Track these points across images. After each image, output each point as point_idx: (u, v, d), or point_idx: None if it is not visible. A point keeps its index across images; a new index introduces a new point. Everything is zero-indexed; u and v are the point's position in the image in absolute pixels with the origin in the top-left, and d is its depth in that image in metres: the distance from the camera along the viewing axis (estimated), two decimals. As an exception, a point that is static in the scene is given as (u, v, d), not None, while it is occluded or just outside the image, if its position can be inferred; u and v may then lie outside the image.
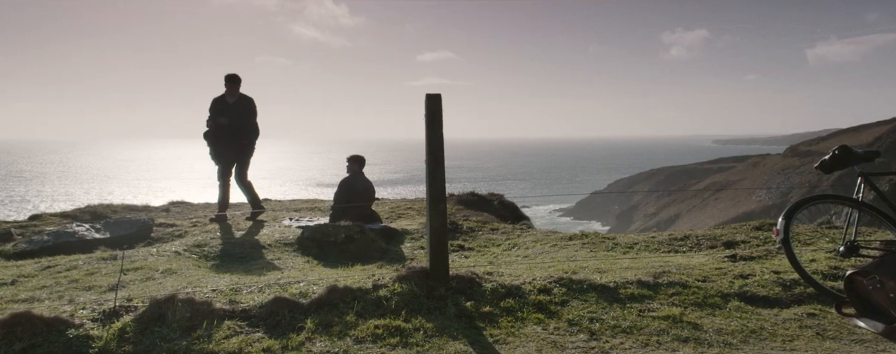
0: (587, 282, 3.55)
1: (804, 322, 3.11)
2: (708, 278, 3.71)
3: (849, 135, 59.97)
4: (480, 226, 7.26)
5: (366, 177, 7.58)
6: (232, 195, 7.82)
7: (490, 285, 3.48)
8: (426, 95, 3.47)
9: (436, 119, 3.47)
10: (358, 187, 7.40)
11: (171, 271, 4.78)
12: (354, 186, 7.40)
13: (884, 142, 49.76)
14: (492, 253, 6.21)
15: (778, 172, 59.31)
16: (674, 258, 4.85)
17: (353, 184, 7.42)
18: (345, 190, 7.38)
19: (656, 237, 6.06)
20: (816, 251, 4.44)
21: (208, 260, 5.45)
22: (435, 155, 3.50)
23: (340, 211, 7.22)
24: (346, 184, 7.42)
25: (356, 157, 7.62)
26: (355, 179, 7.47)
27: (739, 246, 5.29)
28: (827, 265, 3.84)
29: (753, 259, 4.32)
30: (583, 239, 6.20)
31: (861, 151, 3.77)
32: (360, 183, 7.45)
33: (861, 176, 3.75)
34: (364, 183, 7.49)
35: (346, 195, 7.32)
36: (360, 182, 7.46)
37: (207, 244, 5.89)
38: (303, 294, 3.36)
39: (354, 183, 7.43)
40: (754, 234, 5.75)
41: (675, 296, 3.42)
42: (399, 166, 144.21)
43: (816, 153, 49.13)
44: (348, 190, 7.36)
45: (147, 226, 6.85)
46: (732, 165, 76.15)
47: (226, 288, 3.58)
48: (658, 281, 3.62)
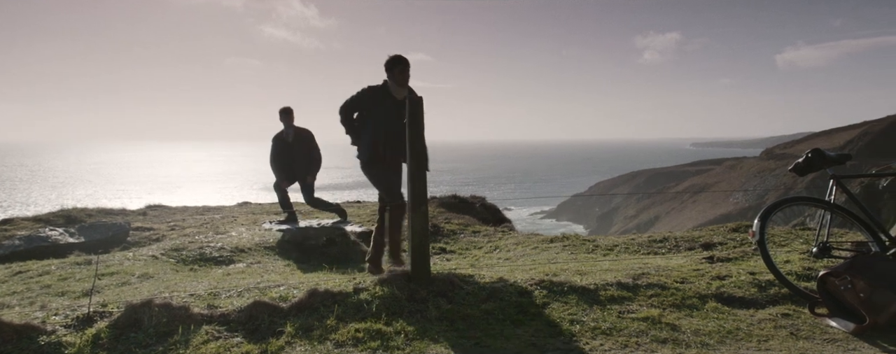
0: (568, 284, 3.57)
1: (779, 322, 3.16)
2: (686, 279, 3.76)
3: (822, 139, 61.36)
4: (462, 229, 7.27)
5: (298, 127, 7.49)
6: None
7: (471, 287, 3.48)
8: (408, 99, 3.47)
9: (417, 122, 3.47)
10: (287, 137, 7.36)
11: (148, 275, 4.70)
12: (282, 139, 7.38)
13: (855, 145, 51.01)
14: (473, 255, 6.22)
15: (754, 175, 60.43)
16: (653, 260, 4.91)
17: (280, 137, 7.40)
18: (274, 143, 7.39)
19: (636, 239, 6.13)
20: (791, 252, 4.53)
21: (186, 264, 5.37)
22: (416, 158, 3.50)
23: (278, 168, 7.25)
24: (275, 139, 7.42)
25: (282, 111, 7.51)
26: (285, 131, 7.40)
27: (717, 248, 5.37)
28: (801, 266, 3.92)
29: (730, 260, 4.39)
30: (564, 241, 6.24)
31: (833, 154, 3.86)
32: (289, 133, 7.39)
33: (833, 178, 3.83)
34: (291, 132, 7.40)
35: (276, 149, 7.33)
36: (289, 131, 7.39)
37: (186, 248, 5.80)
38: (283, 297, 3.32)
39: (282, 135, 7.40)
40: (731, 236, 5.85)
41: (654, 298, 3.45)
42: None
43: (791, 156, 50.20)
44: (278, 144, 7.34)
45: (123, 230, 6.73)
46: (710, 168, 77.39)
47: (204, 293, 3.54)
48: (637, 282, 3.65)
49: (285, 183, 7.47)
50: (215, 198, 14.54)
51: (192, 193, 63.20)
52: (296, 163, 7.46)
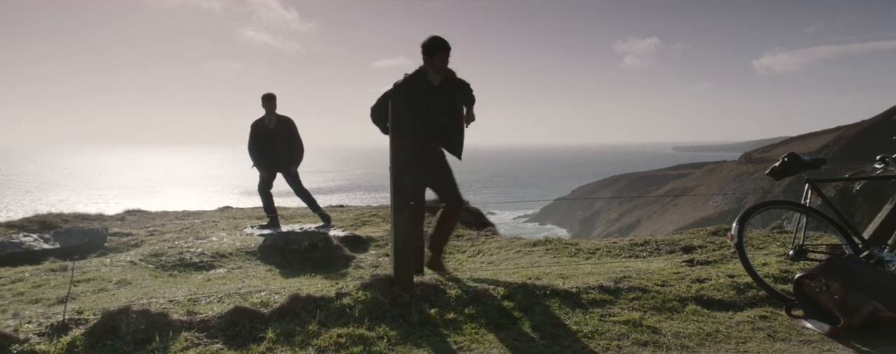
0: (550, 288, 3.59)
1: (756, 324, 3.21)
2: (667, 282, 3.80)
3: (798, 143, 62.60)
4: (445, 233, 7.26)
5: (280, 114, 7.41)
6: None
7: (454, 292, 3.48)
8: (390, 102, 3.46)
9: (399, 125, 3.46)
10: (269, 123, 7.30)
11: (126, 282, 4.62)
12: (263, 125, 7.32)
13: (830, 149, 52.10)
14: (457, 259, 6.22)
15: (733, 178, 61.38)
16: (634, 263, 4.96)
17: (261, 123, 7.33)
18: (254, 129, 7.31)
19: (618, 242, 6.18)
20: (768, 255, 4.61)
21: (166, 270, 5.29)
22: (399, 161, 3.49)
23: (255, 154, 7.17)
24: (255, 125, 7.34)
25: (265, 96, 7.43)
26: (267, 118, 7.33)
27: (696, 251, 5.43)
28: (778, 268, 3.99)
29: (710, 263, 4.45)
30: (546, 245, 6.27)
31: (808, 159, 3.93)
32: (271, 119, 7.31)
33: (808, 182, 3.91)
34: (274, 119, 7.33)
35: (256, 136, 7.26)
36: (272, 118, 7.32)
37: (165, 253, 5.71)
38: (264, 303, 3.29)
39: (263, 121, 7.32)
40: (711, 239, 5.92)
41: (636, 301, 3.49)
42: (363, 173, 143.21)
43: (769, 160, 51.08)
44: (257, 130, 7.28)
45: (100, 236, 6.61)
46: (691, 171, 78.44)
47: (183, 299, 3.48)
48: (619, 286, 3.68)
49: (265, 172, 7.32)
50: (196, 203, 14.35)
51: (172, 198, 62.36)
52: (278, 151, 7.34)
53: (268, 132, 7.30)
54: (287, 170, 7.43)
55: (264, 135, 7.30)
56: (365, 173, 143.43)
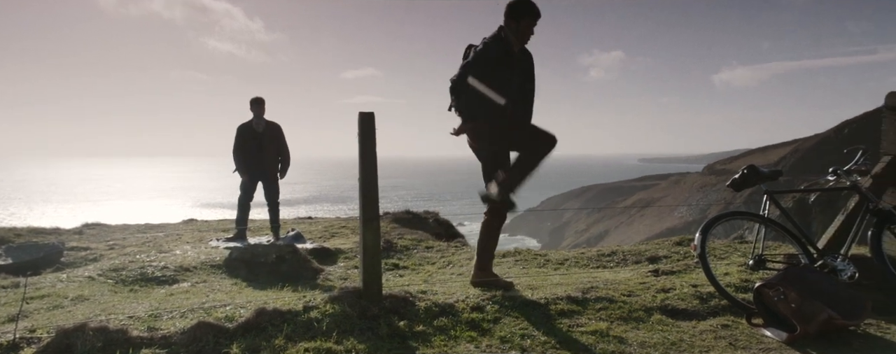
0: (519, 299, 3.61)
1: (719, 333, 3.29)
2: (633, 292, 3.87)
3: (758, 155, 64.65)
4: (415, 244, 7.24)
5: (267, 120, 7.29)
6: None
7: (424, 303, 3.47)
8: (359, 113, 3.45)
9: (368, 137, 3.45)
10: (257, 127, 7.17)
11: (83, 298, 4.45)
12: (250, 128, 7.19)
13: (787, 161, 54.00)
14: (426, 271, 6.20)
15: (697, 189, 62.96)
16: (602, 273, 5.03)
17: (248, 126, 7.19)
18: (241, 133, 7.16)
19: (586, 253, 6.26)
20: (730, 265, 4.73)
21: (126, 285, 5.12)
22: (368, 173, 3.47)
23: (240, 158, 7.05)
24: (241, 128, 7.19)
25: (254, 100, 7.30)
26: (255, 121, 7.20)
27: (662, 261, 5.54)
28: (738, 278, 4.10)
29: (674, 273, 4.54)
30: (516, 255, 6.31)
31: (766, 170, 4.07)
32: (260, 123, 7.19)
33: (766, 193, 4.04)
34: (262, 123, 7.20)
35: (242, 140, 7.11)
36: (260, 122, 7.20)
37: (125, 267, 5.54)
38: (229, 318, 3.22)
39: (250, 125, 7.19)
40: (675, 249, 6.05)
41: (603, 311, 3.53)
42: (333, 184, 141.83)
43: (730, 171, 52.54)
44: (244, 134, 7.14)
45: (56, 251, 6.36)
46: (656, 183, 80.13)
47: (144, 315, 3.38)
48: (587, 296, 3.73)
49: (247, 177, 7.13)
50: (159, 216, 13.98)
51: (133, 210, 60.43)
52: (265, 157, 7.18)
53: (255, 136, 7.14)
54: (273, 177, 7.28)
55: (252, 140, 7.13)
56: (335, 184, 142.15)
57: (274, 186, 7.28)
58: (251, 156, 7.10)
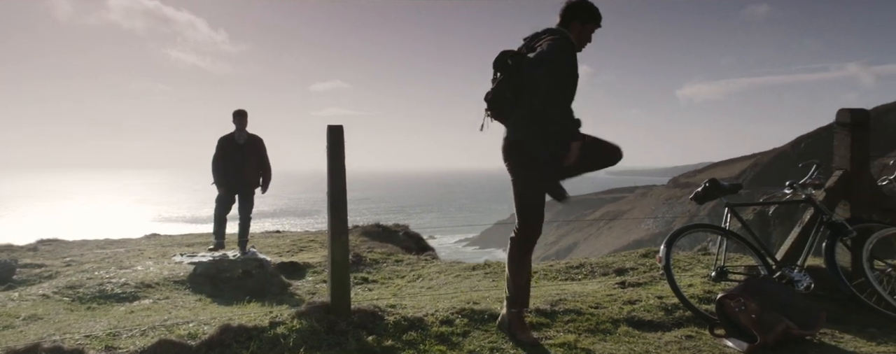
0: (488, 312, 3.61)
1: (683, 344, 3.35)
2: (600, 304, 3.92)
3: (720, 168, 66.48)
4: (385, 258, 7.20)
5: (249, 132, 7.17)
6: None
7: (393, 318, 3.44)
8: (328, 126, 3.44)
9: (337, 150, 3.44)
10: (239, 139, 7.05)
11: (37, 317, 4.28)
12: (232, 140, 7.04)
13: (747, 174, 55.67)
14: (396, 284, 6.16)
15: (663, 202, 64.31)
16: (570, 286, 5.08)
17: (230, 138, 7.05)
18: (222, 145, 7.01)
19: (554, 265, 6.31)
20: (693, 276, 4.84)
21: (83, 303, 4.95)
22: (337, 186, 3.45)
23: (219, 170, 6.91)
24: (223, 140, 7.05)
25: (236, 112, 7.18)
26: (236, 134, 7.07)
27: (628, 273, 5.63)
28: (702, 289, 4.20)
29: (640, 285, 4.62)
30: (486, 268, 6.32)
31: (727, 184, 4.19)
32: (241, 136, 7.07)
33: (727, 206, 4.16)
34: (244, 135, 7.08)
35: (223, 152, 6.97)
36: (242, 135, 7.08)
37: (83, 284, 5.35)
38: (192, 335, 3.14)
39: (232, 137, 7.06)
40: (642, 261, 6.15)
41: (571, 323, 3.57)
42: (302, 198, 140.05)
43: (694, 184, 53.87)
44: (225, 146, 6.99)
45: (8, 268, 6.11)
46: (624, 195, 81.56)
47: (102, 333, 3.27)
48: (555, 308, 3.76)
49: (223, 189, 6.98)
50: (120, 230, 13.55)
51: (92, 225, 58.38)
52: (246, 169, 7.05)
53: (237, 148, 7.01)
54: (251, 190, 7.15)
55: (233, 152, 7.00)
56: (304, 197, 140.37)
57: (249, 200, 7.17)
58: (231, 168, 6.99)
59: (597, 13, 3.19)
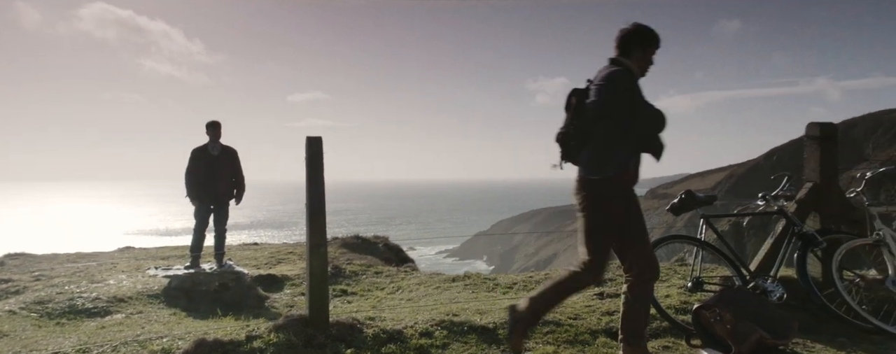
0: (468, 324, 3.61)
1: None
2: (579, 316, 3.94)
3: (696, 180, 67.61)
4: (364, 270, 7.15)
5: (223, 144, 7.06)
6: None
7: (372, 330, 3.42)
8: (307, 138, 3.43)
9: (316, 161, 3.43)
10: (213, 150, 6.94)
11: (3, 334, 4.16)
12: (206, 152, 6.93)
13: (722, 186, 56.68)
14: (375, 296, 6.11)
15: (641, 213, 65.00)
16: (549, 297, 5.09)
17: (203, 150, 6.94)
18: (195, 156, 6.89)
19: (534, 276, 6.34)
20: (670, 287, 4.89)
21: (52, 319, 4.81)
22: (316, 197, 3.44)
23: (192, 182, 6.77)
24: (196, 151, 6.92)
25: (210, 123, 7.08)
26: (210, 145, 6.95)
27: (607, 284, 5.67)
28: (678, 300, 4.25)
29: (619, 296, 4.65)
30: (465, 280, 6.32)
31: (702, 196, 4.26)
32: (216, 147, 6.95)
33: (702, 218, 4.23)
34: (218, 147, 6.97)
35: (196, 164, 6.84)
36: (216, 146, 6.96)
37: (52, 299, 5.21)
38: (166, 350, 3.07)
39: (206, 148, 6.94)
40: (620, 272, 6.18)
41: (550, 334, 3.58)
42: (281, 209, 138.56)
43: (671, 196, 54.66)
44: (198, 157, 6.86)
45: (-25, 280, 5.93)
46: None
47: (71, 350, 3.18)
48: (534, 320, 3.77)
49: (197, 202, 6.86)
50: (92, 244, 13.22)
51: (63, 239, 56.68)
52: (220, 181, 6.95)
53: (210, 160, 6.91)
54: (225, 202, 7.06)
55: (206, 163, 6.89)
56: (282, 209, 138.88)
57: (224, 212, 7.09)
58: (206, 180, 6.90)
59: (655, 36, 3.13)
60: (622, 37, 3.12)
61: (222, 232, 7.11)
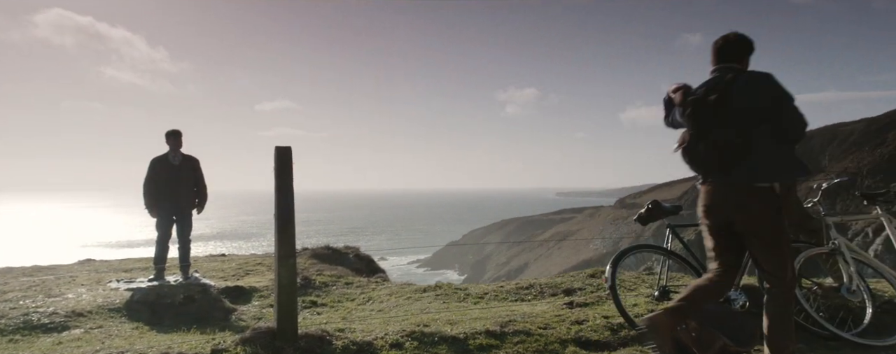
0: (438, 335, 3.60)
1: (629, 361, 3.43)
2: (549, 325, 3.97)
3: (664, 190, 69.02)
4: (335, 281, 7.07)
5: (184, 153, 6.90)
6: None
7: (341, 342, 3.38)
8: (276, 148, 3.39)
9: (286, 171, 3.39)
10: (174, 160, 6.79)
11: (-47, 350, 3.97)
12: (166, 161, 6.78)
13: (688, 196, 57.95)
14: (346, 307, 6.05)
15: (610, 222, 66.05)
16: (520, 306, 5.12)
17: (163, 159, 6.78)
18: (155, 166, 6.72)
19: (505, 286, 6.36)
20: (638, 296, 4.98)
21: (5, 335, 4.62)
22: (285, 208, 3.40)
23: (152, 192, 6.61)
24: (156, 161, 6.77)
25: (170, 132, 6.94)
26: (171, 154, 6.79)
27: (576, 293, 5.73)
28: (646, 308, 4.32)
29: (588, 305, 4.71)
30: (436, 290, 6.30)
31: (668, 206, 4.36)
32: (176, 157, 6.80)
33: (669, 227, 4.32)
34: (179, 156, 6.82)
35: (156, 174, 6.67)
36: (177, 156, 6.81)
37: (5, 315, 5.00)
38: (126, 366, 2.98)
39: (166, 158, 6.79)
40: (589, 281, 6.29)
41: (520, 344, 3.59)
42: (250, 220, 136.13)
43: (639, 205, 55.69)
44: (159, 167, 6.70)
45: (-77, 295, 5.65)
46: (573, 216, 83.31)
47: (26, 366, 3.06)
48: (504, 330, 3.78)
49: (155, 213, 6.68)
50: (49, 257, 12.78)
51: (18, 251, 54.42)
52: (182, 191, 6.77)
53: (172, 170, 6.73)
54: (187, 212, 6.88)
55: (166, 173, 6.71)
56: (252, 219, 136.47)
57: (188, 222, 6.92)
58: (167, 190, 6.73)
59: (748, 47, 3.21)
60: (740, 45, 3.17)
61: (187, 243, 6.95)
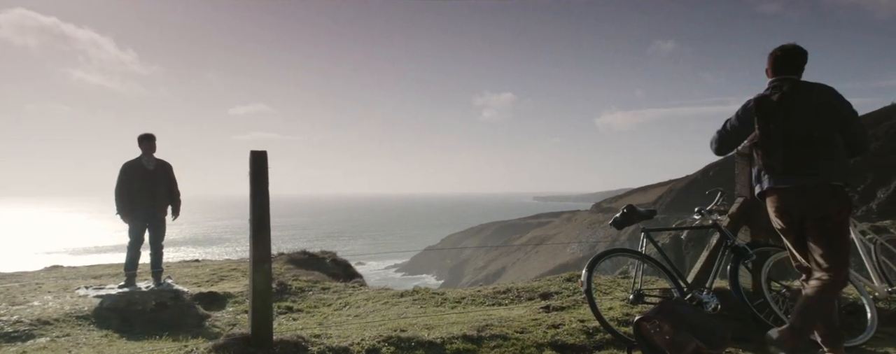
0: (415, 340, 3.59)
1: (604, 365, 3.46)
2: (525, 329, 3.98)
3: (639, 194, 70.01)
4: (311, 286, 7.01)
5: (157, 158, 6.79)
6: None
7: (317, 348, 3.35)
8: (251, 152, 3.35)
9: (261, 176, 3.35)
10: (148, 165, 6.68)
11: (-90, 359, 3.82)
12: (139, 166, 6.65)
13: (663, 200, 58.93)
14: (322, 313, 5.99)
15: (587, 227, 66.70)
16: (497, 311, 5.14)
17: (136, 164, 6.65)
18: (127, 172, 6.58)
19: (482, 290, 6.37)
20: (613, 299, 5.03)
21: (-33, 343, 4.47)
22: (260, 213, 3.35)
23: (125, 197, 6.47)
24: (128, 166, 6.63)
25: (142, 136, 6.83)
26: (144, 159, 6.66)
27: (553, 297, 5.77)
28: (621, 312, 4.37)
29: (564, 309, 4.74)
30: (414, 295, 6.29)
31: (643, 210, 4.42)
32: (150, 161, 6.67)
33: (643, 231, 4.38)
34: (153, 161, 6.69)
35: (129, 179, 6.52)
36: (151, 160, 6.68)
37: (-32, 322, 4.84)
38: (95, 375, 2.90)
39: (140, 162, 6.66)
40: (565, 286, 6.34)
41: (497, 349, 3.60)
42: (224, 224, 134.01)
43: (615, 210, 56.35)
44: (131, 172, 6.57)
45: None
46: (550, 220, 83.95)
47: (-11, 377, 2.96)
48: (481, 334, 3.79)
49: (128, 218, 6.53)
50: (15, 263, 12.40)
51: (-19, 256, 52.55)
52: (156, 196, 6.64)
53: (145, 174, 6.59)
54: (161, 218, 6.75)
55: (140, 178, 6.56)
56: (226, 224, 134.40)
57: (160, 228, 6.79)
58: (141, 196, 6.59)
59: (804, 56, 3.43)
60: (801, 57, 3.40)
61: (159, 249, 6.82)
